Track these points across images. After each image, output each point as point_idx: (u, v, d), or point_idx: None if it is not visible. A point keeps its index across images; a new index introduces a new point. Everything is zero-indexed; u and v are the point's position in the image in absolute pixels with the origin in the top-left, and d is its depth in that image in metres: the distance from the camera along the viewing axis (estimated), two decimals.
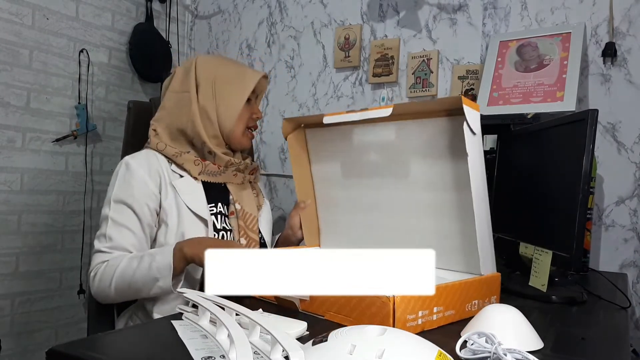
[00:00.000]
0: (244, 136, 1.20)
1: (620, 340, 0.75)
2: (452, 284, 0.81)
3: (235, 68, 1.21)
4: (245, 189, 1.23)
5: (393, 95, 1.84)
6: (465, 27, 1.72)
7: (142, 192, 1.06)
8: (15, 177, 1.78)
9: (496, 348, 0.58)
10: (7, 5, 1.72)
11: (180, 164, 1.13)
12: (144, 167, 1.09)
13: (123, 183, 1.07)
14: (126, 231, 1.04)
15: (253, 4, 2.19)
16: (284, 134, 1.21)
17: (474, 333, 0.62)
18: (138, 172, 1.07)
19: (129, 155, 1.12)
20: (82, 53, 1.95)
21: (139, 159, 1.10)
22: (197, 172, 1.13)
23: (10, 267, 1.76)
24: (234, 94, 1.17)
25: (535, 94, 1.46)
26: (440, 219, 1.00)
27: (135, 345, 0.68)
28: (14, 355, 1.77)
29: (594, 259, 1.45)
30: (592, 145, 0.92)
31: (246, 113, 1.19)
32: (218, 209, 1.15)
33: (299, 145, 1.23)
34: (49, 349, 0.61)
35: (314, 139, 1.23)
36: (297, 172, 1.23)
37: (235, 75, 1.18)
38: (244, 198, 1.20)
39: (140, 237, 1.05)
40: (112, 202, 1.06)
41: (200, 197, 1.12)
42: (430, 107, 0.99)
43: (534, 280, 0.98)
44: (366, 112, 1.02)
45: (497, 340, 0.59)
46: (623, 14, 1.47)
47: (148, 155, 1.12)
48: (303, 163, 1.25)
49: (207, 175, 1.15)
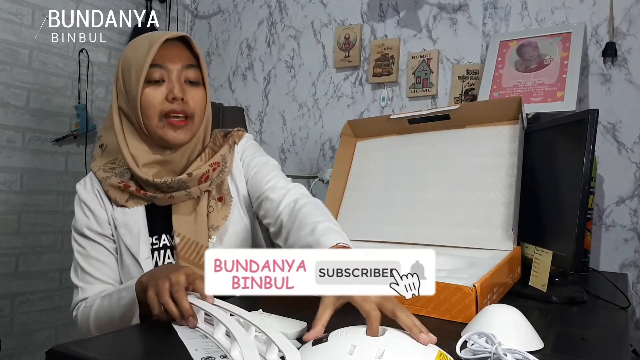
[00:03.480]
0: (164, 129, 0.90)
1: (620, 341, 0.74)
2: (500, 265, 0.89)
3: (142, 40, 0.92)
4: (192, 209, 0.96)
5: (393, 95, 1.84)
6: (466, 26, 1.71)
7: (94, 222, 0.96)
8: (15, 177, 1.77)
9: (496, 348, 0.57)
10: (6, 5, 1.72)
11: (106, 192, 0.95)
12: (89, 193, 0.98)
13: (77, 213, 0.98)
14: (95, 261, 0.95)
15: (253, 4, 2.19)
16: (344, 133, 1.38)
17: (474, 333, 0.62)
18: (85, 201, 0.97)
19: (79, 181, 1.02)
20: (82, 53, 1.94)
21: (85, 184, 1.00)
22: (123, 199, 0.94)
23: (9, 267, 1.76)
24: (133, 76, 0.90)
25: (535, 94, 1.46)
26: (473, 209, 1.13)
27: (135, 346, 0.68)
28: (14, 355, 1.77)
29: (594, 259, 1.44)
30: (593, 145, 0.92)
31: (156, 95, 0.90)
32: (162, 242, 0.96)
33: (347, 150, 1.42)
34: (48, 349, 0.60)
35: (362, 148, 1.43)
36: (336, 172, 1.39)
37: (136, 48, 0.92)
38: (188, 224, 0.95)
39: (111, 265, 0.95)
40: (74, 233, 0.97)
41: (136, 228, 0.94)
42: (492, 106, 1.20)
43: (534, 280, 0.98)
44: (433, 110, 1.24)
45: (497, 341, 0.59)
46: (623, 13, 1.47)
47: (92, 179, 0.99)
48: (344, 166, 1.41)
49: (137, 201, 0.94)
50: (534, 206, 1.11)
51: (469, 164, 1.17)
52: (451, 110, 1.20)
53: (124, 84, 0.93)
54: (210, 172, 0.96)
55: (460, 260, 0.98)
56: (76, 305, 0.94)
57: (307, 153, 2.01)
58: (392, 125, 1.34)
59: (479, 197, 1.12)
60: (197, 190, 0.95)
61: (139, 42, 0.93)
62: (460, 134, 1.22)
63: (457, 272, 0.85)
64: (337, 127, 1.52)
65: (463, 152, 1.20)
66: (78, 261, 0.95)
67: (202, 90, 0.95)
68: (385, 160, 1.35)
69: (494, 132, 1.17)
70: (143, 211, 0.95)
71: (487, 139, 1.17)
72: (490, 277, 0.80)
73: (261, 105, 2.15)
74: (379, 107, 1.86)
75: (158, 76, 0.90)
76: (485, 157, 1.16)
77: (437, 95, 1.76)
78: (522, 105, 1.13)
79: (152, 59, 0.88)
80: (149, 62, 0.88)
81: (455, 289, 0.75)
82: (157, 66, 0.89)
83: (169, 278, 0.72)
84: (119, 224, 0.94)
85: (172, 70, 0.91)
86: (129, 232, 0.94)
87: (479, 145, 1.18)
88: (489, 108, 1.20)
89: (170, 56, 0.91)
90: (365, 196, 1.33)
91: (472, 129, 1.21)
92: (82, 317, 0.92)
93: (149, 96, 0.89)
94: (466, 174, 1.16)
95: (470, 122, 1.20)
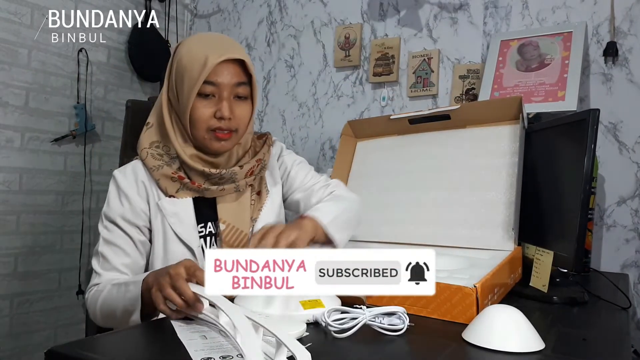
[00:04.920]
0: (210, 140, 0.96)
1: (621, 341, 0.74)
2: (501, 265, 0.88)
3: (199, 50, 0.94)
4: (236, 200, 1.03)
5: (394, 94, 1.84)
6: (466, 26, 1.71)
7: (128, 211, 0.97)
8: (14, 177, 1.77)
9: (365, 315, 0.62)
10: (6, 4, 1.72)
11: (156, 180, 0.98)
12: (130, 181, 0.99)
13: (111, 200, 0.99)
14: (118, 250, 0.96)
15: (253, 3, 2.19)
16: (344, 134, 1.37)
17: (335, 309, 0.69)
18: (124, 189, 0.98)
19: (119, 168, 1.02)
20: (81, 52, 1.94)
21: (126, 172, 1.00)
22: (174, 190, 0.97)
23: (9, 267, 1.76)
24: (186, 86, 0.94)
25: (536, 94, 1.46)
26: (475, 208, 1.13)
27: (135, 346, 0.68)
28: (13, 355, 1.76)
29: (595, 260, 1.44)
30: (594, 145, 0.92)
31: (205, 111, 0.94)
32: (208, 229, 1.00)
33: (348, 150, 1.42)
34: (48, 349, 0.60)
35: (363, 149, 1.43)
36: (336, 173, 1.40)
37: (192, 57, 0.94)
38: (233, 212, 1.01)
39: (133, 256, 0.97)
40: (104, 219, 0.99)
41: (187, 217, 0.98)
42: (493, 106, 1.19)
43: (535, 280, 0.97)
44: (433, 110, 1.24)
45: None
46: (624, 13, 1.47)
47: (135, 168, 1.01)
48: (344, 166, 1.41)
49: (188, 192, 0.99)
50: (534, 206, 1.11)
51: (469, 164, 1.17)
52: (452, 110, 1.20)
53: (176, 86, 0.97)
54: (255, 168, 1.03)
55: (461, 260, 0.98)
56: (89, 287, 0.96)
57: (307, 153, 2.00)
58: (392, 126, 1.34)
59: (480, 197, 1.12)
60: (243, 184, 1.02)
61: (195, 52, 0.94)
62: (461, 134, 1.22)
63: (458, 273, 0.84)
64: (337, 126, 1.52)
65: (464, 152, 1.19)
66: (101, 247, 0.97)
67: (249, 105, 1.00)
68: (386, 161, 1.35)
69: (494, 132, 1.16)
70: (191, 202, 0.99)
71: (487, 139, 1.17)
72: (491, 278, 0.80)
73: (261, 105, 2.14)
74: (379, 107, 1.86)
75: (209, 91, 0.94)
76: (486, 157, 1.16)
77: (437, 94, 1.75)
78: (522, 105, 1.13)
79: (207, 77, 0.92)
80: (202, 79, 0.91)
81: (456, 290, 0.75)
82: (210, 83, 0.93)
83: (169, 272, 0.74)
84: (168, 213, 0.97)
85: (224, 88, 0.94)
86: (179, 221, 0.97)
87: (479, 145, 1.18)
88: (489, 108, 1.20)
89: (223, 74, 0.93)
90: (366, 197, 1.32)
91: (472, 129, 1.21)
92: (91, 301, 0.94)
93: (199, 110, 0.94)
94: (467, 174, 1.16)
95: (471, 122, 1.21)
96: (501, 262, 0.90)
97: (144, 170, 1.00)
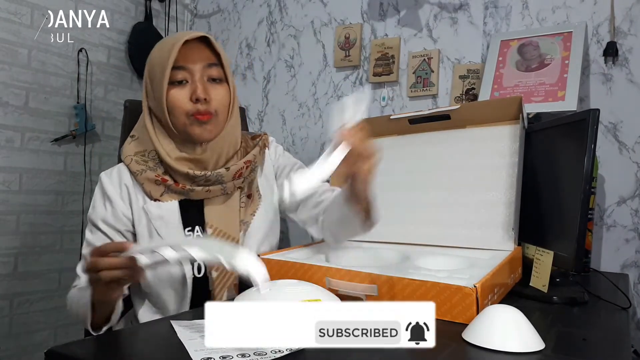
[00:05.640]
0: (191, 126, 0.94)
1: (621, 341, 0.74)
2: (501, 265, 0.88)
3: (165, 42, 0.96)
4: (224, 203, 1.01)
5: (394, 94, 1.84)
6: (466, 26, 1.71)
7: (110, 215, 0.96)
8: (13, 177, 1.77)
9: None
10: (5, 4, 1.72)
11: (141, 184, 0.97)
12: (115, 184, 0.98)
13: (96, 203, 0.98)
14: None
15: (252, 3, 2.19)
16: None
17: None
18: (108, 192, 0.97)
19: (106, 170, 1.02)
20: (81, 52, 1.94)
21: (112, 175, 1.00)
22: (158, 193, 0.96)
23: (8, 267, 1.76)
24: (157, 77, 0.94)
25: (536, 94, 1.45)
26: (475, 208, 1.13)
27: (134, 346, 0.68)
28: (13, 355, 1.76)
29: (595, 260, 1.44)
30: (594, 145, 0.91)
31: (180, 96, 0.93)
32: (195, 234, 0.98)
33: None
34: (47, 349, 0.60)
35: None
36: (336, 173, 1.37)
37: (159, 52, 0.96)
38: (220, 216, 0.99)
39: None
40: (88, 222, 0.99)
41: (173, 220, 0.97)
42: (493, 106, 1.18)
43: (535, 280, 0.97)
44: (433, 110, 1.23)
45: None
46: (624, 13, 1.47)
47: (120, 171, 1.00)
48: None
49: (173, 195, 0.97)
50: (534, 206, 1.11)
51: (469, 164, 1.17)
52: (451, 110, 1.20)
53: (151, 84, 0.96)
54: (244, 170, 1.01)
55: (460, 260, 0.98)
56: (71, 287, 0.98)
57: (307, 153, 2.00)
58: (392, 126, 1.33)
59: (480, 197, 1.12)
60: (231, 186, 0.99)
61: (162, 44, 0.97)
62: (461, 134, 1.22)
63: (458, 273, 0.84)
64: None
65: (464, 152, 1.19)
66: (84, 249, 0.98)
67: (225, 87, 0.98)
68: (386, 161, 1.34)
69: (494, 132, 1.16)
70: (177, 205, 0.98)
71: (487, 139, 1.17)
72: (491, 278, 0.80)
73: (261, 105, 2.14)
74: (379, 107, 1.86)
75: (181, 77, 0.93)
76: (486, 157, 1.15)
77: (437, 94, 1.75)
78: (522, 105, 1.13)
79: (174, 61, 0.92)
80: (170, 64, 0.91)
81: (456, 290, 0.75)
82: (180, 68, 0.93)
83: (85, 258, 0.74)
84: (154, 217, 0.96)
85: (194, 71, 0.94)
86: (164, 224, 0.96)
87: (479, 145, 1.18)
88: (489, 108, 1.20)
89: (191, 57, 0.93)
90: None
91: (472, 129, 1.21)
92: (68, 300, 0.95)
93: (174, 97, 0.93)
94: (467, 174, 1.16)
95: (471, 122, 1.20)
96: (501, 262, 0.90)
97: (128, 174, 0.99)
